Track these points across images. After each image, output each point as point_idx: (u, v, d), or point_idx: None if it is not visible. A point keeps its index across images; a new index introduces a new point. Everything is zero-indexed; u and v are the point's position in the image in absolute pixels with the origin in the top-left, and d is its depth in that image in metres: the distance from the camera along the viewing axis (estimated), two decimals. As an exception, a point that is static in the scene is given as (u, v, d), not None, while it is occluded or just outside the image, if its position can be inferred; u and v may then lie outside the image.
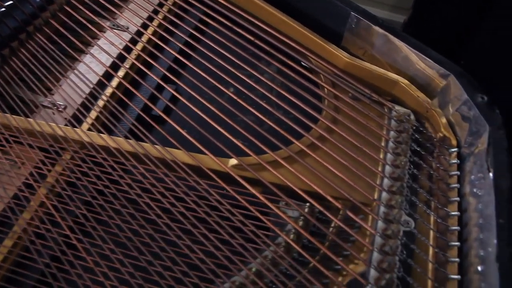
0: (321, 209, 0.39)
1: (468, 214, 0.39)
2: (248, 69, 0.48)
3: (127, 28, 0.58)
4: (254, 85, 0.47)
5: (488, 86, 0.43)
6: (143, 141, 0.44)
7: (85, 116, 0.48)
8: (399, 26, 0.94)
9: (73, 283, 0.36)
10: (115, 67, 0.53)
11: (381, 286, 0.35)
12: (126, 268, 0.36)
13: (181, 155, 0.43)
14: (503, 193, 0.36)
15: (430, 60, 0.45)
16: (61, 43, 0.54)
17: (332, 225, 0.40)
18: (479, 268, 0.35)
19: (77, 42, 0.54)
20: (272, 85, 0.47)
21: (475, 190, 0.40)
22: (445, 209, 0.40)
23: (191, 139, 0.44)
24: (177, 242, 0.37)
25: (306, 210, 0.41)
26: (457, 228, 0.38)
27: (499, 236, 0.34)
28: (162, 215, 0.39)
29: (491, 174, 0.37)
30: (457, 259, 0.37)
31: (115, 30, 0.56)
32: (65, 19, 0.56)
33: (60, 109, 0.50)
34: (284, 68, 0.47)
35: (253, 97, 0.46)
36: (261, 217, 0.38)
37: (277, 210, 0.39)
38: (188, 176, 0.41)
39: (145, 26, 0.56)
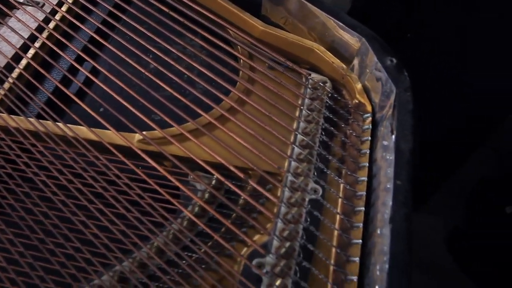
0: (223, 179, 0.38)
1: (378, 179, 0.39)
2: (167, 46, 0.47)
3: (42, 5, 0.56)
4: (171, 62, 0.46)
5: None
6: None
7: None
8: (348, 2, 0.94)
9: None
10: (26, 48, 0.51)
11: (281, 254, 0.35)
12: (16, 248, 0.35)
13: (85, 132, 0.42)
14: (403, 154, 0.36)
15: (343, 24, 0.44)
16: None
17: (242, 196, 0.40)
18: (379, 231, 0.35)
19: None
20: (190, 62, 0.46)
21: (384, 154, 0.39)
22: (354, 175, 0.40)
23: (96, 116, 0.43)
24: (71, 218, 0.36)
25: (214, 182, 0.40)
26: (363, 193, 0.38)
27: (395, 197, 0.34)
28: (58, 192, 0.38)
29: (393, 136, 0.37)
30: (360, 224, 0.37)
31: (27, 8, 0.54)
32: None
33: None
34: (203, 42, 0.46)
35: (169, 74, 0.45)
36: (160, 190, 0.37)
37: (178, 184, 0.38)
38: (88, 152, 0.40)
39: (60, 4, 0.55)
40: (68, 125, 0.42)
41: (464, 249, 1.17)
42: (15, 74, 0.48)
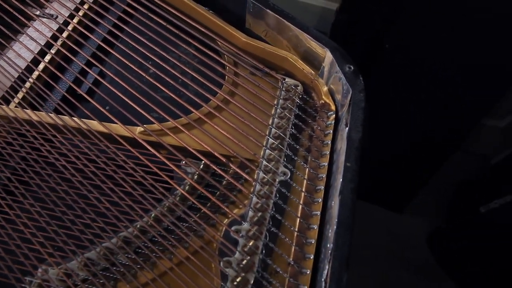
0: (210, 164, 0.49)
1: (336, 164, 0.50)
2: (164, 54, 0.57)
3: (56, 17, 0.67)
4: (168, 68, 0.56)
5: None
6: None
7: (13, 97, 0.57)
8: (333, 13, 1.06)
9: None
10: (43, 54, 0.62)
11: (254, 222, 0.45)
12: (43, 218, 0.46)
13: (96, 125, 0.52)
14: (354, 142, 0.47)
15: (311, 37, 0.55)
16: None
17: (225, 178, 0.50)
18: (332, 203, 0.45)
19: (5, 30, 0.62)
20: (184, 68, 0.57)
21: (342, 146, 0.50)
22: (317, 161, 0.50)
23: (105, 112, 0.53)
24: (87, 195, 0.47)
25: (201, 167, 0.51)
26: (324, 175, 0.49)
27: (344, 175, 0.44)
28: (76, 174, 0.48)
29: (347, 128, 0.48)
30: (320, 199, 0.47)
31: (43, 19, 0.65)
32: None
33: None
34: (194, 51, 0.57)
35: (166, 78, 0.56)
36: (158, 172, 0.48)
37: (173, 167, 0.48)
38: (100, 142, 0.50)
39: (72, 16, 0.65)
40: (82, 119, 0.53)
41: (446, 249, 1.27)
42: (34, 75, 0.59)
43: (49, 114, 0.53)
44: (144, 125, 0.52)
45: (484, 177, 1.21)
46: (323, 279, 0.40)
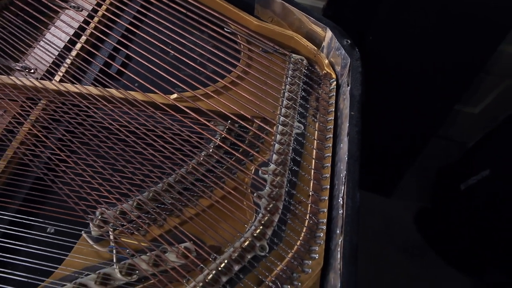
0: (238, 120, 0.61)
1: (341, 120, 0.63)
2: (187, 35, 0.70)
3: (81, 10, 0.78)
4: (190, 45, 0.69)
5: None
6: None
7: (55, 72, 0.67)
8: (320, 11, 1.21)
9: (68, 184, 0.56)
10: (77, 36, 0.74)
11: (278, 163, 0.57)
12: (93, 169, 0.56)
13: (137, 94, 0.64)
14: (355, 97, 0.60)
15: (313, 19, 0.69)
16: (28, 18, 0.73)
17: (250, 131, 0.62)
18: (341, 145, 0.58)
19: (42, 18, 0.74)
20: (205, 46, 0.69)
21: (345, 102, 0.63)
22: (325, 117, 0.63)
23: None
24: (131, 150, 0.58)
25: (227, 127, 0.62)
26: (331, 126, 0.61)
27: (350, 121, 0.57)
28: (120, 132, 0.59)
29: (349, 87, 0.61)
30: (330, 145, 0.60)
31: (73, 10, 0.76)
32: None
33: (30, 72, 0.69)
34: (214, 33, 0.70)
35: (189, 53, 0.68)
36: (198, 129, 0.59)
37: (209, 124, 0.60)
38: (145, 110, 0.61)
39: (98, 5, 0.77)
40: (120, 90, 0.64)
41: (432, 227, 1.42)
42: (70, 57, 0.70)
43: (96, 87, 0.64)
44: (174, 94, 0.64)
45: (462, 158, 1.37)
46: (340, 198, 0.52)
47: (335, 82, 0.67)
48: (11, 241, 0.52)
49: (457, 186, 1.31)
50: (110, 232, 0.53)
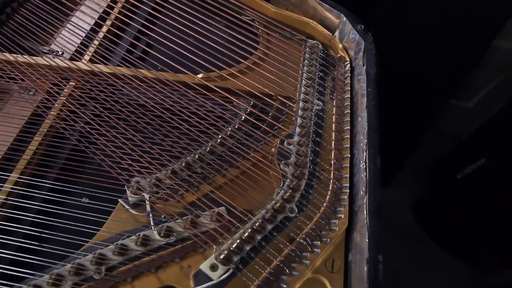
0: (262, 96, 0.66)
1: (357, 98, 0.68)
2: (206, 19, 0.75)
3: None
4: (213, 29, 0.74)
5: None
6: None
7: (81, 56, 0.72)
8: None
9: (101, 150, 0.60)
10: (102, 19, 0.78)
11: (302, 134, 0.62)
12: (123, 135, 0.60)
13: (166, 74, 0.68)
14: (371, 75, 0.66)
15: (327, 6, 0.75)
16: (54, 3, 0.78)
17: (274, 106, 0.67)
18: (359, 118, 0.63)
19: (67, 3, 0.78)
20: (226, 30, 0.74)
21: (360, 83, 0.69)
22: (342, 95, 0.69)
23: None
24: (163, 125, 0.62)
25: (251, 103, 0.67)
26: (348, 103, 0.67)
27: (367, 96, 0.63)
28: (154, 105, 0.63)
29: (364, 67, 0.67)
30: (348, 119, 0.65)
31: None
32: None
33: (58, 54, 0.73)
34: (233, 19, 0.75)
35: (212, 37, 0.73)
36: (226, 105, 0.64)
37: (235, 100, 0.65)
38: (177, 89, 0.66)
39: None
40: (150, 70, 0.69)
41: (430, 216, 1.49)
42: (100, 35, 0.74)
43: (124, 67, 0.69)
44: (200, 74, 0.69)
45: (459, 149, 1.45)
46: (362, 164, 0.57)
47: (349, 65, 0.73)
48: (53, 206, 0.56)
49: (453, 176, 1.38)
50: (146, 199, 0.57)
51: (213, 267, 0.51)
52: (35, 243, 0.53)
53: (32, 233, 0.54)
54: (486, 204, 1.30)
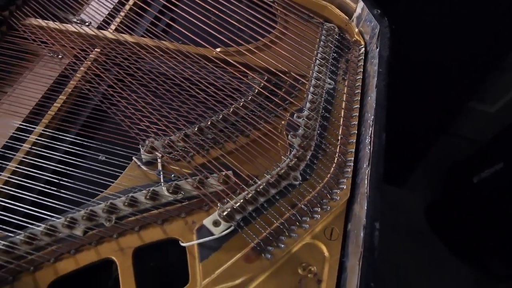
0: (276, 72, 0.69)
1: (368, 80, 0.70)
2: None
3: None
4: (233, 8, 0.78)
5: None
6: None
7: (107, 26, 0.76)
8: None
9: (121, 111, 0.64)
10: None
11: (311, 109, 0.65)
12: (144, 100, 0.64)
13: (187, 47, 0.72)
14: (383, 57, 0.68)
15: (346, -9, 0.78)
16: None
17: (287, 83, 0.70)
18: (369, 98, 0.65)
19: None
20: (247, 9, 0.78)
21: (373, 66, 0.71)
22: (354, 76, 0.71)
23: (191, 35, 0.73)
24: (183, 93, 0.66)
25: (265, 78, 0.71)
26: (360, 84, 0.69)
27: (378, 77, 0.65)
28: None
29: (377, 49, 0.69)
30: (358, 98, 0.67)
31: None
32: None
33: (86, 24, 0.78)
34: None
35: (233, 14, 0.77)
36: (242, 78, 0.67)
37: (250, 73, 0.68)
38: (196, 61, 0.70)
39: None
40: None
41: (442, 218, 1.48)
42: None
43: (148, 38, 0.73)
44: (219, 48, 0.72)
45: (476, 153, 1.44)
46: (367, 139, 0.60)
47: (363, 48, 0.75)
48: (73, 158, 0.60)
49: (469, 179, 1.38)
50: (158, 157, 0.61)
51: (216, 223, 0.54)
52: (55, 188, 0.57)
53: (53, 180, 0.58)
54: (502, 209, 1.29)
